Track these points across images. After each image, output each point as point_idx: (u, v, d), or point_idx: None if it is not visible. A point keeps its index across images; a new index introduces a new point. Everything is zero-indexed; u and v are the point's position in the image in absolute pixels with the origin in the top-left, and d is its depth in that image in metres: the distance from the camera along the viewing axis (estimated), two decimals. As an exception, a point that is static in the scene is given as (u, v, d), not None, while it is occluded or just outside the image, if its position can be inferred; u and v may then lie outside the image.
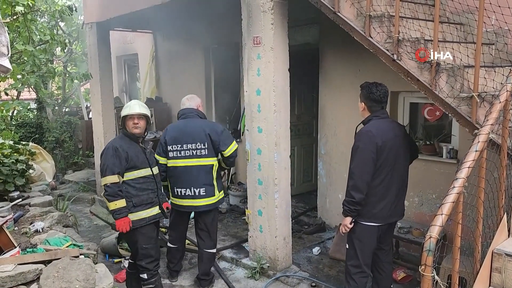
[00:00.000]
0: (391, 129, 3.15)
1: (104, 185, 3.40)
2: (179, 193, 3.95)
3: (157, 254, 3.73)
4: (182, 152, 3.89)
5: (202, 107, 4.18)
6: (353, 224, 3.13)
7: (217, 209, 4.19)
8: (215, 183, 3.98)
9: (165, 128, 4.12)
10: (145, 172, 3.59)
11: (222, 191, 4.14)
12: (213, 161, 3.94)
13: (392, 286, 3.55)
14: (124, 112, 3.53)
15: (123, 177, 3.47)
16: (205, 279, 4.13)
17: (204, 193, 3.92)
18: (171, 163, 3.92)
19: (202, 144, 3.88)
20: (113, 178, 3.39)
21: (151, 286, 3.66)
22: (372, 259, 3.33)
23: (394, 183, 3.14)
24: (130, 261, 3.89)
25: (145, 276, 3.63)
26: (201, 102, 4.20)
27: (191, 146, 3.88)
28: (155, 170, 3.71)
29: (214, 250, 4.20)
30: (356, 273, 3.21)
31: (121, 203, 3.39)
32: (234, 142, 4.02)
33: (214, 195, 3.98)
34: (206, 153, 3.89)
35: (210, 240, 4.12)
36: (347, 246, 3.28)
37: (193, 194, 3.91)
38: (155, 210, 3.64)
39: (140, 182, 3.54)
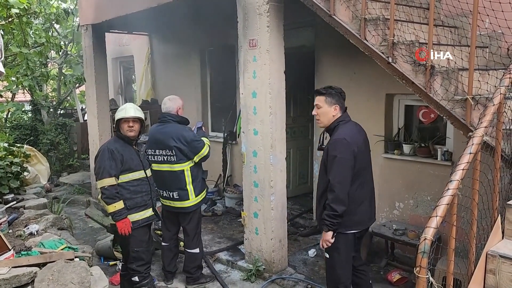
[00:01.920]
0: (357, 131, 3.12)
1: (101, 187, 3.40)
2: (161, 194, 4.12)
3: (148, 258, 3.74)
4: (155, 157, 4.01)
5: (182, 110, 4.16)
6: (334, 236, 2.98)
7: (196, 212, 4.16)
8: (188, 187, 3.99)
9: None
10: (139, 174, 3.61)
11: (203, 193, 4.16)
12: (184, 166, 3.97)
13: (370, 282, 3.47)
14: (119, 115, 3.53)
15: (118, 180, 3.46)
16: (189, 276, 4.23)
17: (178, 197, 4.02)
18: (153, 166, 4.00)
19: (170, 151, 3.94)
20: (110, 181, 3.39)
21: None
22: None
23: (367, 187, 3.13)
24: (123, 263, 3.90)
25: (136, 279, 3.65)
26: (182, 104, 4.17)
27: (162, 152, 3.97)
28: (149, 172, 3.74)
29: (196, 251, 4.20)
30: (348, 283, 3.14)
31: (119, 204, 3.40)
32: (204, 148, 4.00)
33: (188, 199, 4.02)
34: (175, 159, 3.95)
35: (189, 240, 4.18)
36: (327, 256, 3.13)
37: (169, 196, 4.05)
38: (149, 212, 3.66)
39: (134, 184, 3.55)
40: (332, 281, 3.19)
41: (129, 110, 3.53)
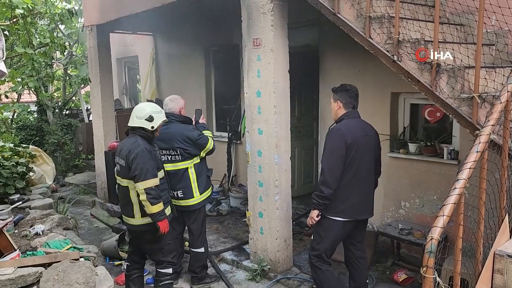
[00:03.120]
0: (360, 128, 3.31)
1: (146, 188, 3.34)
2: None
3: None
4: (161, 157, 4.00)
5: (184, 109, 4.16)
6: (320, 217, 3.29)
7: (201, 211, 4.16)
8: (193, 185, 4.01)
9: None
10: (162, 173, 3.67)
11: (208, 191, 4.16)
12: (188, 163, 3.99)
13: (367, 281, 3.63)
14: (162, 118, 3.59)
15: None
16: (194, 276, 4.22)
17: (182, 195, 4.03)
18: None
19: (174, 151, 3.96)
20: (155, 181, 3.40)
21: (170, 281, 3.70)
22: (347, 255, 3.55)
23: (362, 181, 3.29)
24: (128, 263, 3.89)
25: (170, 270, 3.67)
26: (184, 103, 4.17)
27: (166, 152, 3.99)
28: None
29: (201, 250, 4.20)
30: (317, 261, 3.39)
31: (162, 204, 3.43)
32: (209, 143, 4.03)
33: (192, 197, 4.03)
34: (180, 158, 3.97)
35: (194, 240, 4.18)
36: (312, 237, 3.46)
37: (173, 195, 4.03)
38: (169, 209, 3.70)
39: (161, 182, 3.57)
40: (310, 261, 3.47)
41: (163, 113, 3.65)
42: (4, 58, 3.16)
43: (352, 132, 3.21)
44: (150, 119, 3.50)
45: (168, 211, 3.62)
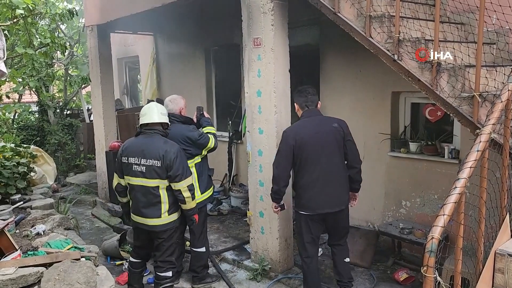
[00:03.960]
0: (312, 127, 3.46)
1: (188, 185, 3.51)
2: None
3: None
4: None
5: (185, 109, 4.15)
6: (279, 208, 3.69)
7: (202, 210, 4.14)
8: (194, 184, 3.98)
9: None
10: None
11: (209, 191, 4.16)
12: (189, 163, 3.94)
13: (346, 260, 3.74)
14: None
15: None
16: (195, 276, 4.22)
17: None
18: None
19: None
20: (192, 178, 3.65)
21: (171, 284, 3.71)
22: (328, 241, 3.80)
23: (320, 178, 3.43)
24: (134, 260, 3.86)
25: (170, 273, 3.68)
26: (185, 104, 4.15)
27: None
28: None
29: (202, 250, 4.19)
30: (304, 257, 3.62)
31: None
32: (210, 141, 4.02)
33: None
34: None
35: (195, 239, 4.17)
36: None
37: None
38: None
39: None
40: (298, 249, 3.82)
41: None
42: (5, 58, 3.16)
43: (297, 132, 3.45)
44: (167, 115, 3.71)
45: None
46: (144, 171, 3.46)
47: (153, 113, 3.54)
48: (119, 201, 3.89)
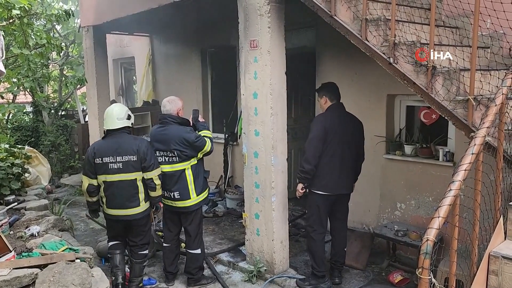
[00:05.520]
0: (339, 117, 3.93)
1: (159, 174, 3.86)
2: (162, 194, 4.09)
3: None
4: (159, 158, 4.02)
5: (182, 111, 4.15)
6: (306, 191, 3.95)
7: (198, 212, 4.17)
8: (190, 186, 4.01)
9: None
10: None
11: (204, 193, 4.15)
12: (185, 165, 3.99)
13: (345, 249, 4.22)
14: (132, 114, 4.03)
15: None
16: (190, 278, 4.23)
17: (179, 196, 4.02)
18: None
19: (171, 153, 3.96)
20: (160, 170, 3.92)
21: (147, 261, 4.18)
22: (331, 227, 4.19)
23: (340, 162, 3.87)
24: (112, 242, 4.11)
25: (146, 251, 4.11)
26: (182, 105, 4.16)
27: (164, 154, 4.00)
28: None
29: (198, 251, 4.20)
30: (312, 232, 4.00)
31: None
32: (206, 145, 4.02)
33: (189, 198, 4.02)
34: (177, 160, 3.97)
35: (190, 241, 4.18)
36: (306, 211, 4.14)
37: (170, 196, 4.05)
38: None
39: None
40: (306, 230, 4.15)
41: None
42: (3, 58, 3.15)
43: (330, 119, 3.87)
44: (129, 117, 3.92)
45: None
46: (121, 167, 3.79)
47: (113, 120, 3.84)
48: (87, 200, 4.06)
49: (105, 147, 3.83)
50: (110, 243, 4.12)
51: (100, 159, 3.78)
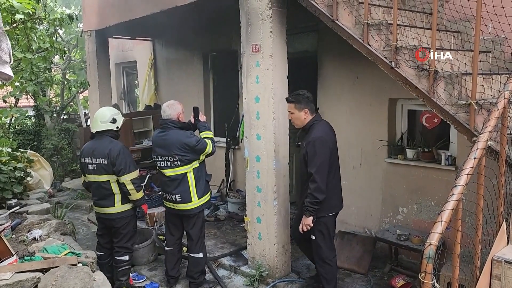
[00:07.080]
0: (330, 130, 3.69)
1: (132, 179, 3.97)
2: (164, 196, 4.19)
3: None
4: (159, 163, 4.06)
5: (183, 115, 4.16)
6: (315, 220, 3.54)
7: (200, 215, 4.17)
8: (191, 189, 4.01)
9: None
10: None
11: (206, 196, 4.16)
12: (187, 168, 3.99)
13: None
14: (122, 118, 4.20)
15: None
16: (192, 282, 4.22)
17: (180, 199, 4.03)
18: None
19: (173, 158, 3.98)
20: (137, 172, 4.07)
21: (128, 267, 4.22)
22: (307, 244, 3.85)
23: (338, 178, 3.71)
24: (99, 253, 4.27)
25: (127, 257, 4.19)
26: (182, 109, 4.17)
27: (166, 158, 4.01)
28: None
29: (200, 255, 4.19)
30: (333, 257, 3.72)
31: (142, 191, 4.16)
32: (208, 147, 4.03)
33: (191, 201, 4.02)
34: (179, 164, 3.98)
35: (192, 245, 4.19)
36: (313, 237, 3.67)
37: (171, 199, 4.07)
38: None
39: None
40: (320, 258, 3.72)
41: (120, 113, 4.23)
42: (12, 63, 3.16)
43: (329, 136, 3.61)
44: (114, 121, 4.07)
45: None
46: (95, 169, 4.00)
47: (97, 123, 4.04)
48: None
49: (87, 148, 4.09)
50: (97, 253, 4.24)
51: (83, 159, 4.09)
